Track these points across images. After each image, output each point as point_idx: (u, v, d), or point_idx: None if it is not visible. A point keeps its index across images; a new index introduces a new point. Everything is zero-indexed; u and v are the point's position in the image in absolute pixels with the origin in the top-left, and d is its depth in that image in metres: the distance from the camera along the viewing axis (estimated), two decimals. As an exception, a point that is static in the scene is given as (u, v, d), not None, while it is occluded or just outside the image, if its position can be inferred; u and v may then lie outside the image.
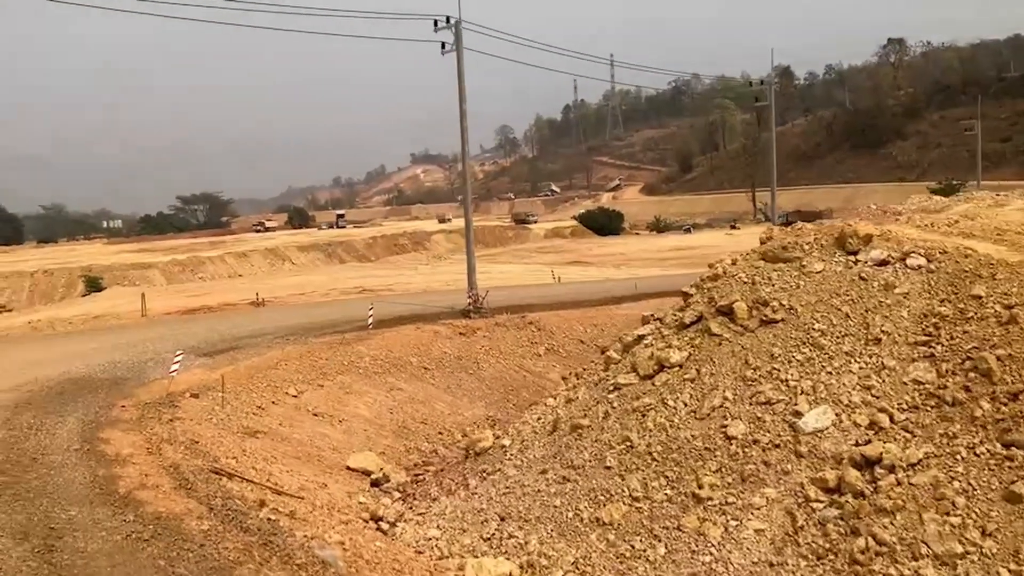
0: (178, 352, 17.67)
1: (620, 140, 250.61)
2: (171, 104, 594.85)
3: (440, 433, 20.68)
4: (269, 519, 10.05)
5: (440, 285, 52.22)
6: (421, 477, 13.92)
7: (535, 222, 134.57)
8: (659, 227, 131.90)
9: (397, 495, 13.35)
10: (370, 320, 26.85)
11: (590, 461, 12.07)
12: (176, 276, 78.49)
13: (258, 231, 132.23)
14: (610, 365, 14.29)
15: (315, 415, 18.96)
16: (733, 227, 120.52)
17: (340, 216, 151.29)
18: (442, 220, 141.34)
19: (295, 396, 19.55)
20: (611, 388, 13.28)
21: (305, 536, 9.80)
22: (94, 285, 69.90)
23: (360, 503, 12.76)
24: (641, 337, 13.91)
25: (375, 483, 14.32)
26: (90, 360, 20.79)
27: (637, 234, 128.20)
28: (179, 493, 10.58)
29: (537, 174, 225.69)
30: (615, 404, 12.86)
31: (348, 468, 15.39)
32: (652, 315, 15.16)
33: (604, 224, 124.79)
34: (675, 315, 14.41)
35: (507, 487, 12.38)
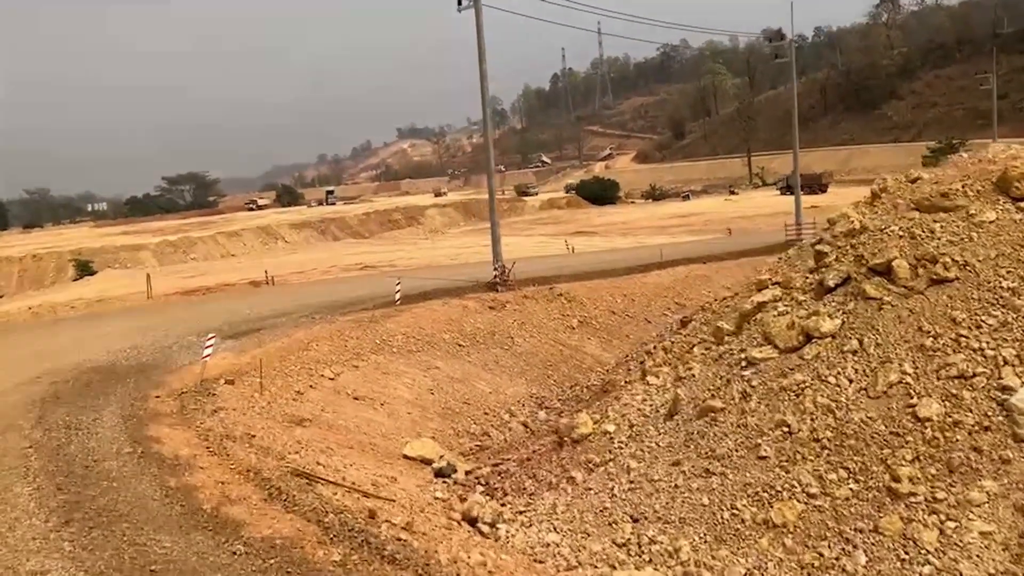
0: (209, 335, 16.26)
1: (610, 108, 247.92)
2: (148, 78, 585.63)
3: (486, 414, 19.44)
4: (399, 539, 8.66)
5: (445, 259, 50.94)
6: (503, 467, 12.47)
7: (536, 194, 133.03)
8: (655, 195, 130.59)
9: (480, 489, 11.96)
10: (398, 296, 25.46)
11: (737, 450, 10.38)
12: (168, 257, 76.81)
13: (251, 209, 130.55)
14: (724, 337, 12.77)
15: (355, 399, 17.67)
16: (732, 192, 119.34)
17: (330, 193, 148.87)
18: (438, 194, 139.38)
19: (332, 379, 18.23)
20: (742, 364, 11.63)
21: (449, 559, 8.39)
22: (85, 269, 68.17)
23: (437, 498, 11.45)
24: (762, 304, 12.29)
25: (439, 473, 13.00)
26: (109, 346, 19.36)
27: (633, 203, 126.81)
28: (274, 506, 9.19)
29: (527, 145, 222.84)
30: (754, 383, 11.13)
31: (405, 456, 14.09)
32: (768, 277, 13.34)
33: (599, 194, 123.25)
34: (807, 277, 12.62)
35: (631, 482, 10.74)
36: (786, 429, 10.34)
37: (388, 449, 14.74)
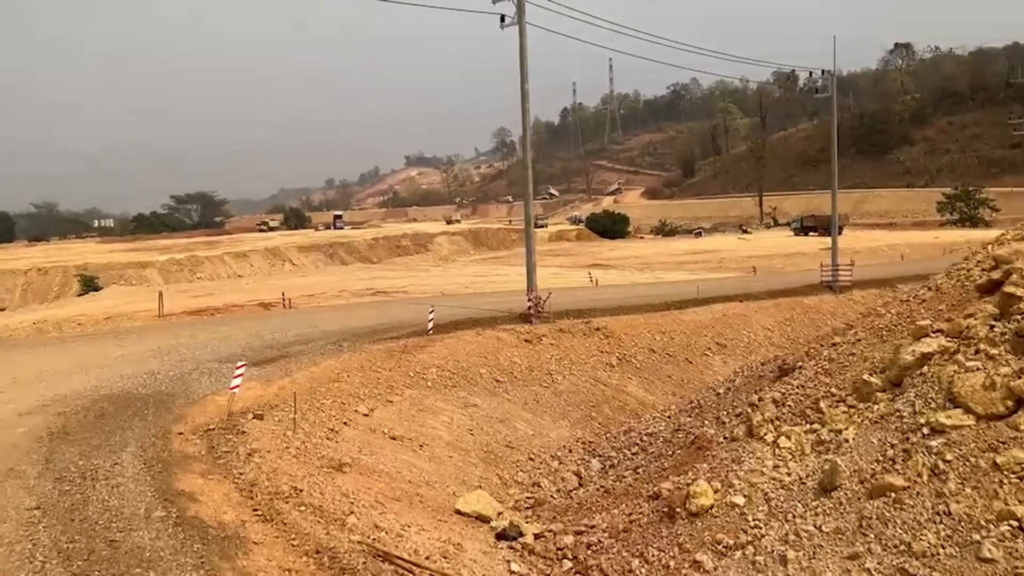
0: (239, 363, 14.59)
1: (618, 144, 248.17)
2: (157, 103, 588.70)
3: (531, 459, 17.75)
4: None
5: (458, 288, 49.36)
6: (588, 536, 10.46)
7: (545, 226, 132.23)
8: (665, 231, 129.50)
9: (568, 565, 10.12)
10: (431, 325, 23.82)
11: (944, 547, 8.19)
12: (174, 275, 75.37)
13: (262, 230, 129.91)
14: (875, 394, 10.85)
15: (393, 438, 16.00)
16: (745, 231, 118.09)
17: (338, 217, 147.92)
18: (449, 221, 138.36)
19: (366, 415, 16.58)
20: (922, 431, 9.52)
21: None
22: (90, 284, 66.72)
23: (514, 573, 9.71)
24: (927, 356, 10.61)
25: (502, 536, 11.25)
26: (122, 370, 17.65)
27: (642, 238, 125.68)
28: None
29: (535, 177, 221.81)
30: (948, 457, 8.97)
31: (458, 512, 12.36)
32: (930, 324, 11.38)
33: (609, 227, 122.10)
34: (992, 325, 10.59)
35: (789, 576, 8.85)
36: (1015, 523, 8.16)
37: (436, 501, 13.03)
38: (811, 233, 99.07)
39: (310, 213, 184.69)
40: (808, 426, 10.71)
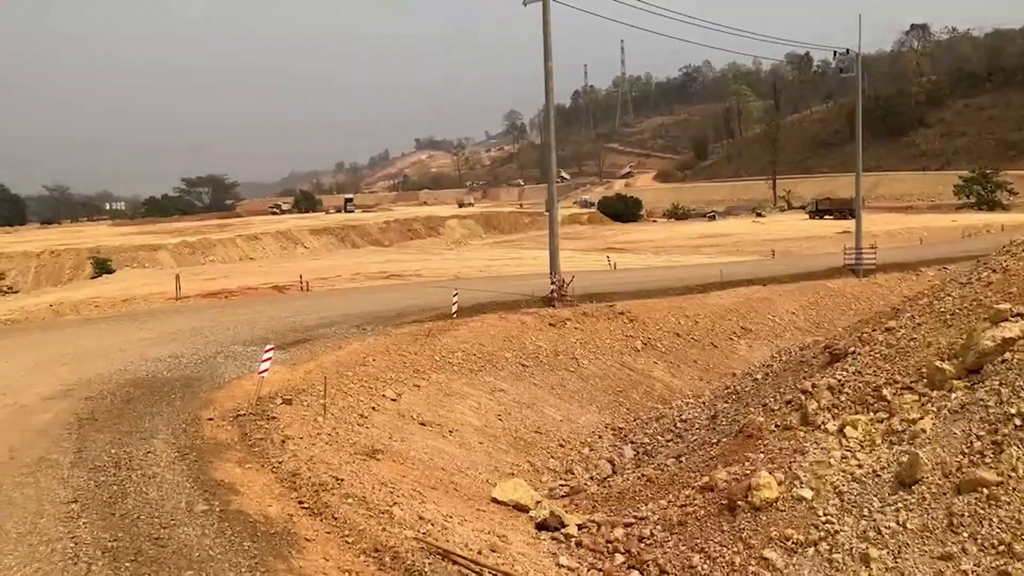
0: (267, 347, 14.22)
1: (630, 127, 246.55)
2: (169, 86, 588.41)
3: (561, 446, 17.40)
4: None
5: (473, 271, 49.00)
6: (638, 528, 9.94)
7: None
8: (678, 214, 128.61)
9: (621, 559, 9.63)
10: (455, 308, 23.45)
11: None
12: (186, 258, 75.22)
13: (274, 213, 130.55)
14: (949, 382, 10.34)
15: (422, 424, 15.67)
16: (759, 215, 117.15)
17: (349, 200, 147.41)
18: (462, 204, 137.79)
19: (394, 400, 16.24)
20: (1014, 422, 8.94)
21: None
22: (103, 267, 66.59)
23: (562, 566, 9.31)
24: (1008, 341, 9.98)
25: (543, 526, 10.85)
26: (144, 353, 17.35)
27: (655, 221, 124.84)
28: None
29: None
30: None
31: (495, 500, 11.98)
32: (1009, 309, 10.84)
33: (621, 211, 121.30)
34: None
35: (871, 577, 8.20)
36: None
37: (471, 489, 12.68)
38: (826, 216, 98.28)
39: (321, 196, 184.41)
40: (872, 415, 10.23)
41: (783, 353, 22.60)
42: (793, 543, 8.97)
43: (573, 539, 10.27)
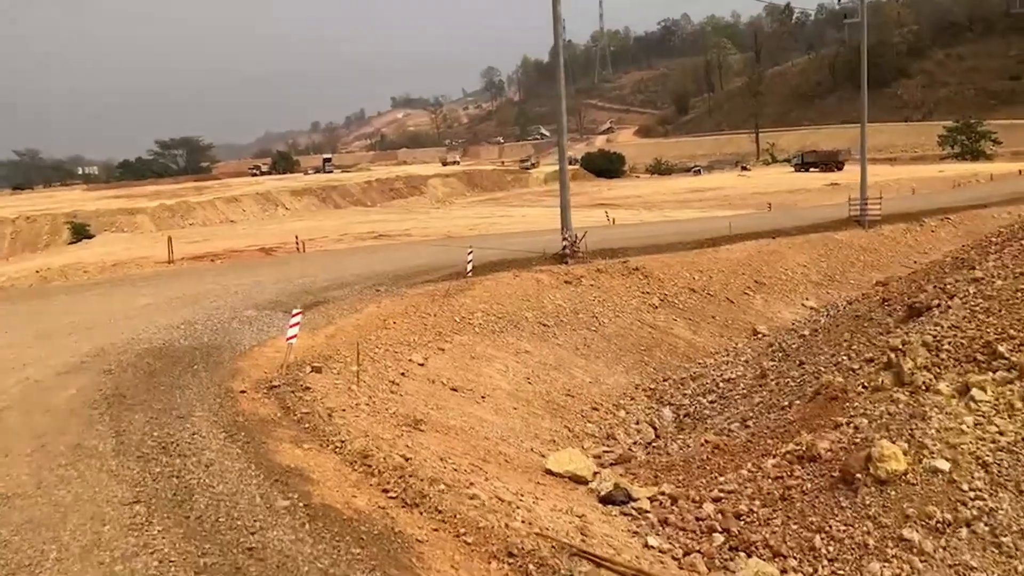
0: (295, 311, 13.27)
1: (609, 82, 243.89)
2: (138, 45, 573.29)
3: (595, 409, 16.70)
4: None
5: (463, 230, 48.03)
6: (730, 504, 9.08)
7: (535, 165, 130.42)
8: (661, 169, 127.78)
9: (720, 539, 8.73)
10: (469, 267, 22.58)
11: None
12: (166, 222, 73.54)
13: (254, 175, 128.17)
14: None
15: (453, 389, 14.89)
16: (744, 168, 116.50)
17: (327, 160, 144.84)
18: (445, 163, 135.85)
19: (421, 364, 15.44)
20: None
21: None
22: (82, 232, 64.89)
23: (649, 547, 8.54)
24: None
25: (608, 500, 10.10)
26: (154, 319, 16.32)
27: (638, 177, 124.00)
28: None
29: (525, 117, 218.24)
30: None
31: (548, 472, 11.23)
32: None
33: (605, 167, 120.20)
34: None
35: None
36: None
37: (521, 460, 11.95)
38: (812, 169, 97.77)
39: (298, 157, 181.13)
40: (994, 374, 9.49)
41: (829, 307, 21.96)
42: (938, 522, 8.13)
43: (650, 515, 9.48)
